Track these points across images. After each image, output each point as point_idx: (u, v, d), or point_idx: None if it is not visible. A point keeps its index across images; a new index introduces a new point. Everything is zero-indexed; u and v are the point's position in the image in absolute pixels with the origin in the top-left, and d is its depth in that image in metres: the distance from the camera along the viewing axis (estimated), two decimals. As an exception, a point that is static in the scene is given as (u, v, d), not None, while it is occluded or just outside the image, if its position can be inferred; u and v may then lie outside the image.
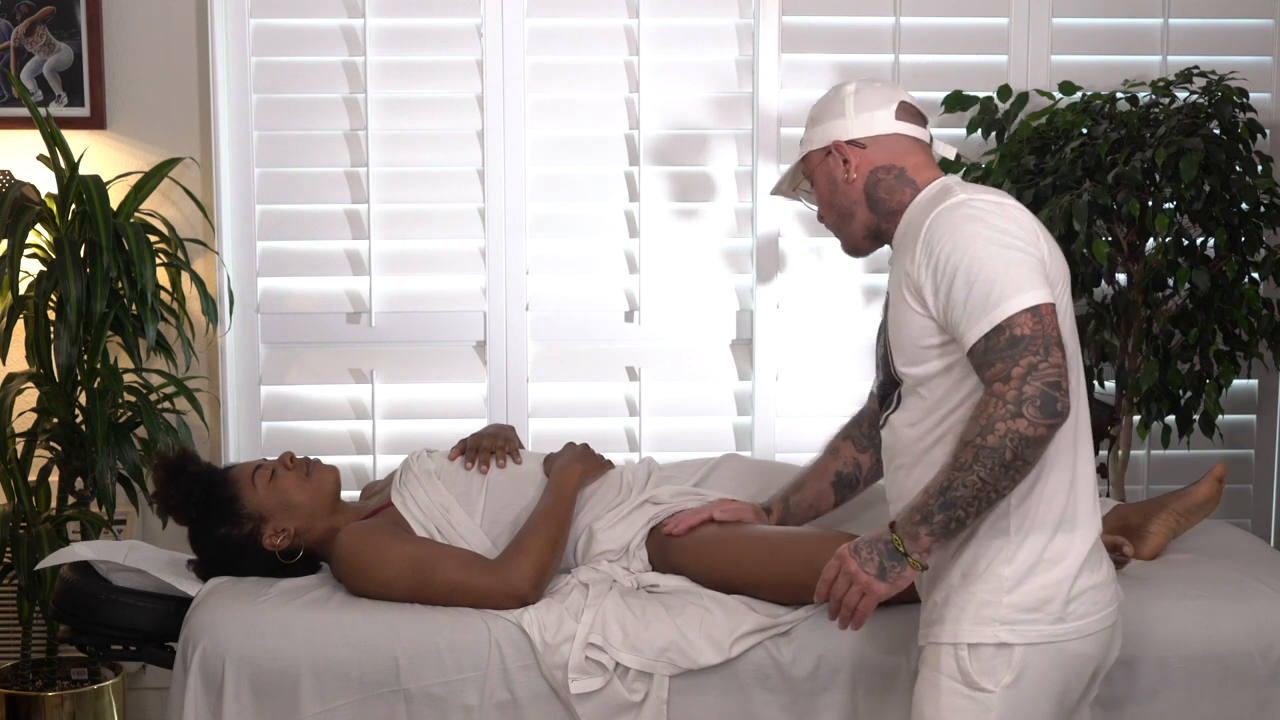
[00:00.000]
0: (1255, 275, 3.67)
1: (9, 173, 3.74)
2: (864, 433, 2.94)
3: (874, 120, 2.54)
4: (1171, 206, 3.56)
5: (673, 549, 3.00)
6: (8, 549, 3.55)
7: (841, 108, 2.56)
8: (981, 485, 2.28)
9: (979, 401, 2.30)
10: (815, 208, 2.66)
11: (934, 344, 2.40)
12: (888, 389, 2.53)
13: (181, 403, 3.74)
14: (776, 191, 2.75)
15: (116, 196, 3.67)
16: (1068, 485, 2.40)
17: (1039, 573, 2.37)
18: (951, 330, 2.36)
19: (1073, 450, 2.41)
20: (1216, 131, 3.60)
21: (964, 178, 3.82)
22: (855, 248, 2.63)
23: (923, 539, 2.34)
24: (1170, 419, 3.78)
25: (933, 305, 2.37)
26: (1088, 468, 2.45)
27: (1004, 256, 2.31)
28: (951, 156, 2.64)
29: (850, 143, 2.54)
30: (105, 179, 3.66)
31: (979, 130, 3.88)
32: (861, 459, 2.95)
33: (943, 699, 2.40)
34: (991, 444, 2.26)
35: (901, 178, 2.53)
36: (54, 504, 3.68)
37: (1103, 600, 2.42)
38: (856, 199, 2.55)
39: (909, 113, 2.57)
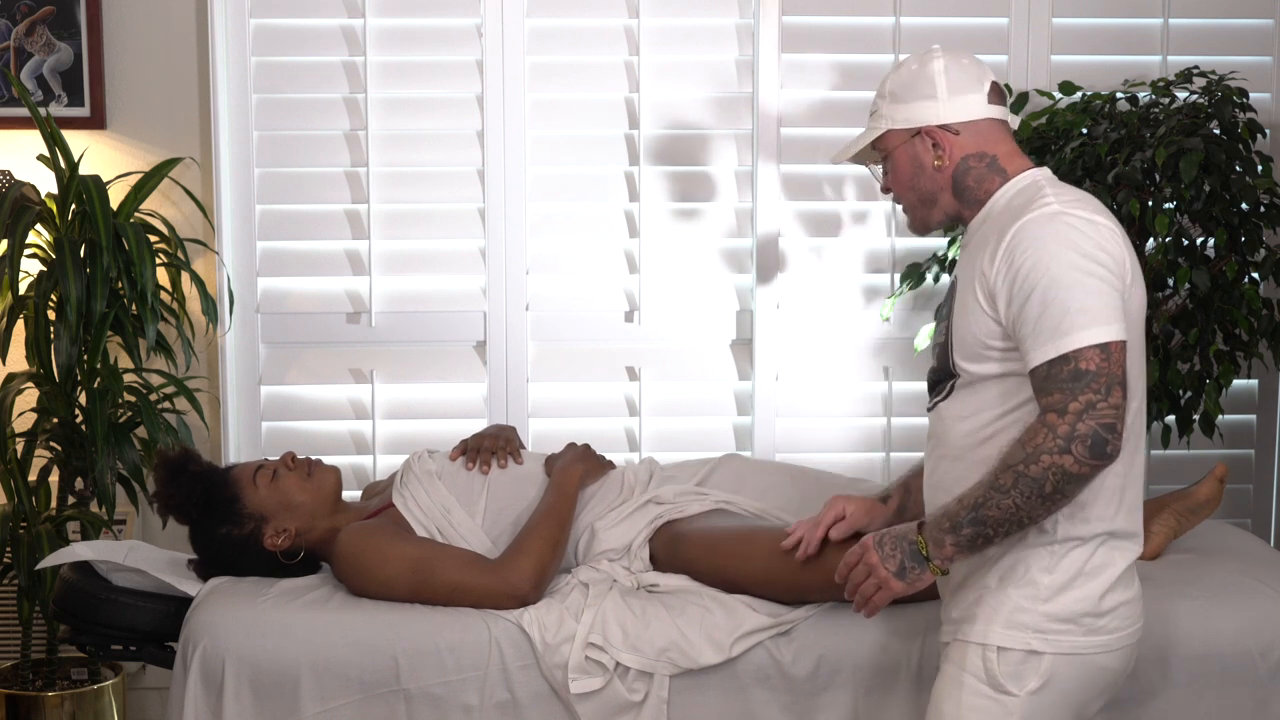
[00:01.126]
0: (1255, 275, 3.67)
1: (9, 173, 3.74)
2: None
3: (968, 104, 2.44)
4: (1171, 206, 3.56)
5: (683, 546, 3.00)
6: (8, 549, 3.55)
7: (932, 88, 2.44)
8: (1015, 510, 2.27)
9: (1029, 427, 2.27)
10: (882, 180, 2.55)
11: (997, 347, 2.36)
12: (940, 376, 2.48)
13: (181, 403, 3.74)
14: (839, 159, 2.60)
15: (116, 196, 3.67)
16: (1118, 501, 2.38)
17: (1078, 585, 2.37)
18: (1018, 343, 2.31)
19: (1129, 465, 2.39)
20: (1216, 131, 3.60)
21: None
22: (926, 227, 2.53)
23: (947, 548, 2.33)
24: (1170, 419, 3.78)
25: (1004, 314, 2.32)
26: (1138, 483, 2.43)
27: (1085, 284, 2.25)
28: (1014, 128, 2.53)
29: (943, 128, 2.44)
30: (105, 179, 3.66)
31: (979, 130, 3.87)
32: None
33: (964, 697, 2.40)
34: (1034, 474, 2.24)
35: (993, 166, 2.44)
36: (54, 504, 3.68)
37: (1133, 615, 2.42)
38: (943, 185, 2.46)
39: (998, 94, 2.48)
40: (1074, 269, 2.26)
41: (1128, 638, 2.42)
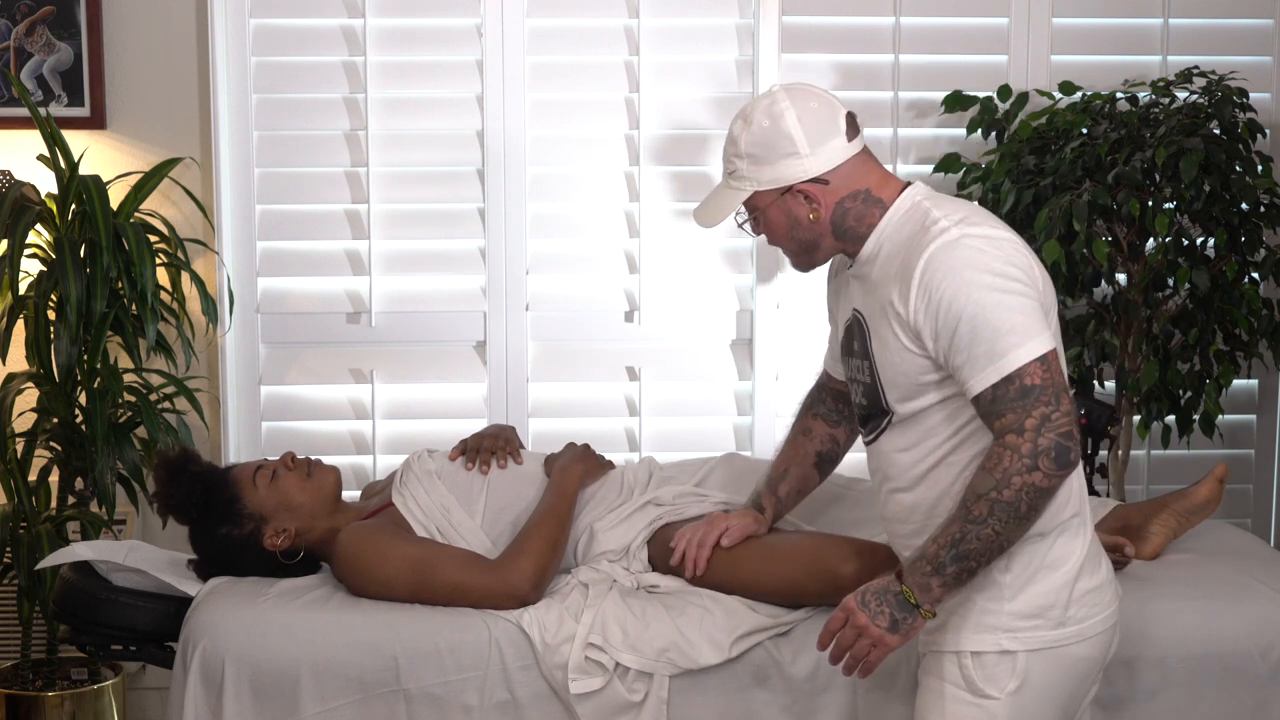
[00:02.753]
0: (1255, 275, 3.67)
1: (9, 173, 3.74)
2: (830, 408, 2.86)
3: (832, 151, 2.38)
4: (1171, 206, 3.56)
5: (672, 557, 2.99)
6: (8, 549, 3.55)
7: (793, 144, 2.37)
8: (995, 537, 2.27)
9: (990, 453, 2.27)
10: (756, 235, 2.53)
11: (932, 380, 2.36)
12: (872, 413, 2.47)
13: (181, 403, 3.74)
14: (710, 225, 2.49)
15: (116, 196, 3.67)
16: (1066, 495, 2.38)
17: (1039, 580, 2.37)
18: (954, 374, 2.31)
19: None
20: (1216, 131, 3.60)
21: (964, 178, 3.82)
22: (812, 268, 2.53)
23: (934, 590, 2.31)
24: (1170, 419, 3.78)
25: (933, 349, 2.31)
26: (1080, 472, 2.43)
27: (1007, 303, 2.25)
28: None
29: (812, 181, 2.39)
30: (105, 179, 3.66)
31: (979, 130, 3.87)
32: (837, 434, 2.87)
33: (948, 707, 2.40)
34: (1007, 498, 2.24)
35: (868, 200, 2.41)
36: (54, 504, 3.68)
37: (1103, 601, 2.42)
38: (822, 232, 2.43)
39: (853, 126, 2.43)
40: (993, 290, 2.25)
41: (1100, 624, 2.41)
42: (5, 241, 3.51)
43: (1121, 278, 3.75)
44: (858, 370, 2.49)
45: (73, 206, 3.58)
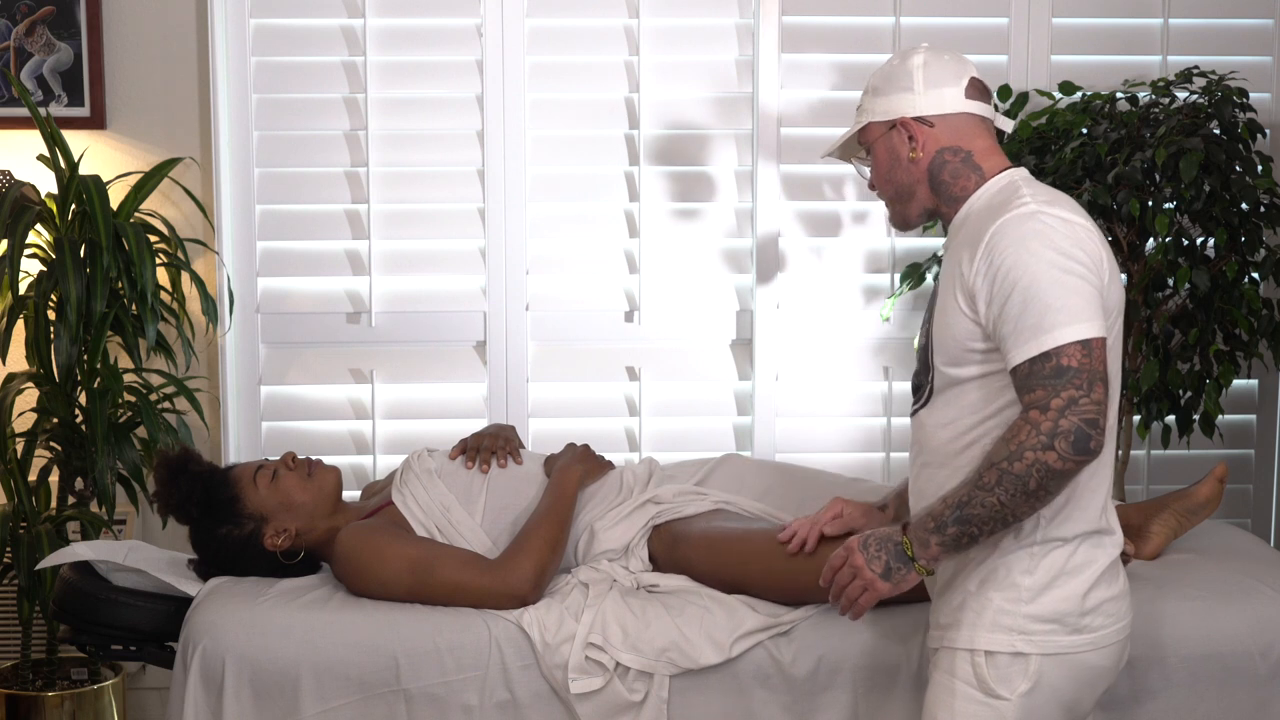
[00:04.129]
0: (1255, 275, 3.67)
1: (9, 173, 3.74)
2: None
3: (944, 98, 2.45)
4: (1171, 206, 3.56)
5: (682, 546, 3.00)
6: (8, 549, 3.55)
7: (910, 80, 2.46)
8: (1000, 508, 2.27)
9: (1012, 424, 2.27)
10: (868, 176, 2.57)
11: (978, 349, 2.36)
12: (921, 380, 2.48)
13: (181, 403, 3.74)
14: (828, 155, 2.62)
15: (116, 196, 3.67)
16: (1102, 503, 2.39)
17: (1059, 585, 2.37)
18: (998, 343, 2.31)
19: (1109, 466, 2.40)
20: (1216, 131, 3.60)
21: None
22: (906, 223, 2.54)
23: (932, 548, 2.33)
24: (1170, 419, 3.78)
25: (984, 314, 2.33)
26: (1109, 480, 2.43)
27: (1064, 283, 2.26)
28: (1009, 130, 2.56)
29: (917, 119, 2.46)
30: (105, 179, 3.66)
31: (979, 130, 3.87)
32: None
33: (957, 705, 2.40)
34: (1017, 471, 2.24)
35: (968, 162, 2.45)
36: (54, 504, 3.68)
37: (1119, 612, 2.42)
38: (919, 178, 2.47)
39: (978, 90, 2.48)
40: (1053, 267, 2.27)
41: (1114, 634, 2.41)
42: (5, 241, 3.51)
43: (1122, 278, 3.75)
44: (922, 335, 2.51)
45: (73, 206, 3.58)
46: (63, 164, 3.57)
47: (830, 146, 2.63)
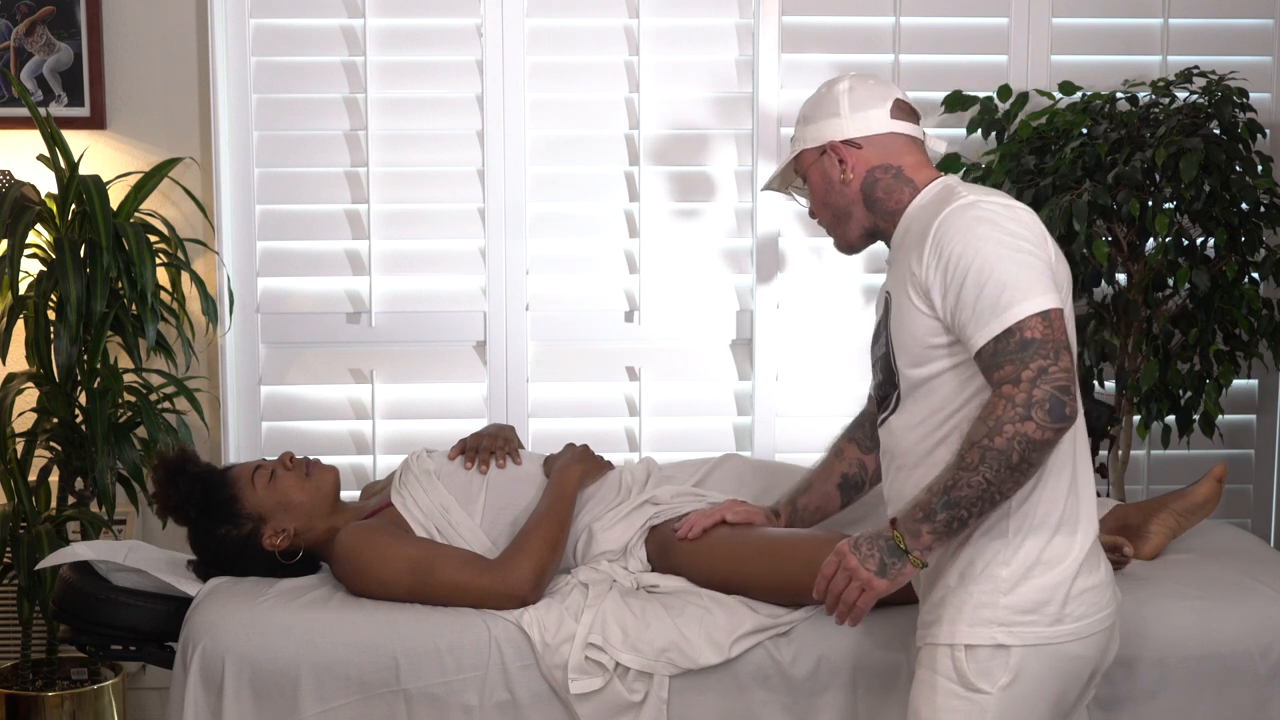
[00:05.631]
0: (1255, 275, 3.67)
1: (9, 173, 3.74)
2: (867, 434, 2.92)
3: (869, 119, 2.53)
4: (1171, 206, 3.56)
5: (675, 550, 3.00)
6: (8, 549, 3.55)
7: (836, 106, 2.54)
8: (986, 486, 2.28)
9: (987, 402, 2.30)
10: (807, 205, 2.65)
11: (941, 344, 2.39)
12: (886, 390, 2.51)
13: (181, 403, 3.74)
14: (768, 187, 2.73)
15: (116, 196, 3.67)
16: (1067, 487, 2.40)
17: (1036, 574, 2.37)
18: (959, 331, 2.35)
19: (1072, 452, 2.41)
20: (1216, 131, 3.60)
21: (964, 178, 3.82)
22: (849, 246, 2.62)
23: (924, 537, 2.33)
24: (1170, 419, 3.78)
25: (940, 306, 2.36)
26: (1086, 469, 2.45)
27: (1015, 260, 2.31)
28: (942, 151, 2.63)
29: (846, 142, 2.53)
30: (105, 179, 3.66)
31: (979, 130, 3.88)
32: (866, 460, 2.93)
33: (939, 700, 2.40)
34: (999, 446, 2.26)
35: (899, 177, 2.52)
36: (54, 504, 3.68)
37: (1100, 601, 2.42)
38: (853, 199, 2.54)
39: (904, 110, 2.56)
40: (1001, 246, 2.32)
41: (1097, 624, 2.41)
42: (5, 241, 3.51)
43: (1121, 278, 3.75)
44: (878, 347, 2.55)
45: (73, 206, 3.58)
46: (63, 164, 3.57)
47: (769, 179, 2.72)
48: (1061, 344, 2.28)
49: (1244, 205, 3.59)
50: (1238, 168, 3.59)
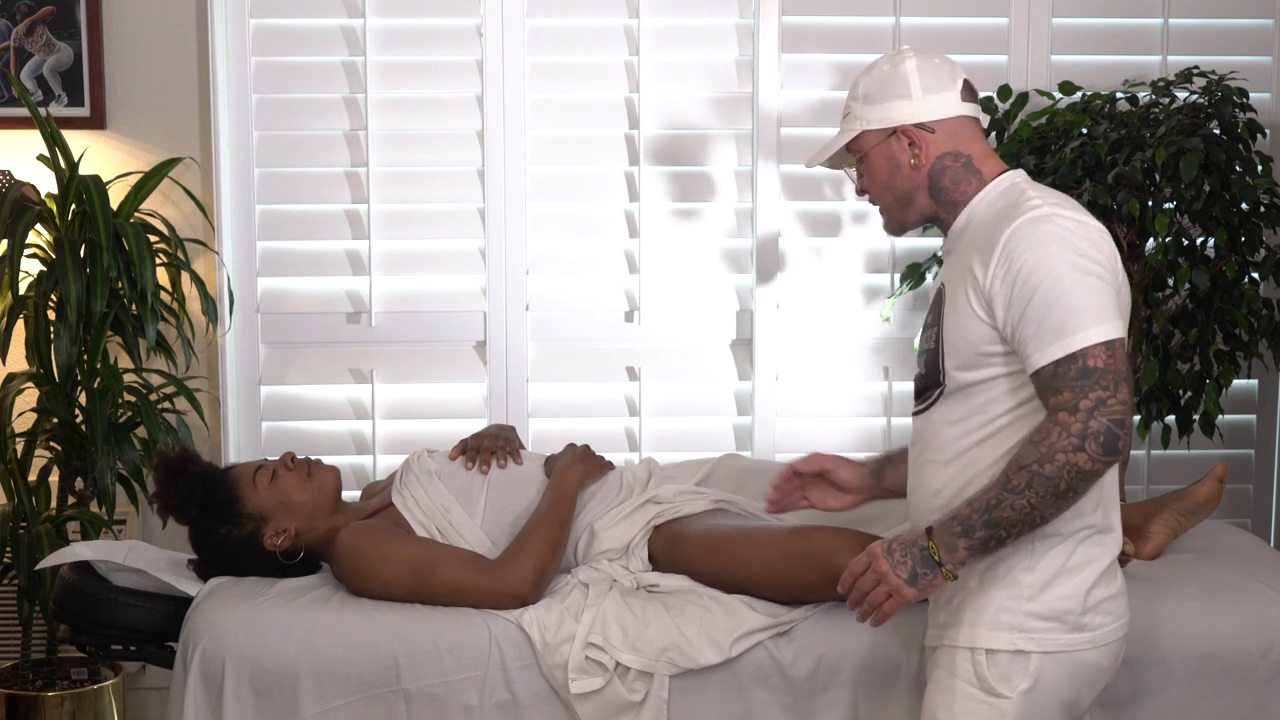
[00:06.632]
0: (1255, 275, 3.67)
1: (9, 173, 3.74)
2: None
3: (944, 102, 2.44)
4: (1171, 206, 3.56)
5: (682, 545, 2.99)
6: (8, 549, 3.55)
7: (906, 87, 2.44)
8: (1030, 510, 2.27)
9: (1040, 427, 2.27)
10: (856, 180, 2.55)
11: (995, 352, 2.35)
12: (928, 384, 2.47)
13: (181, 403, 3.74)
14: (814, 163, 2.60)
15: (116, 196, 3.67)
16: (1097, 497, 2.39)
17: (1060, 582, 2.37)
18: (1017, 346, 2.31)
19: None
20: (1216, 131, 3.60)
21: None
22: (902, 228, 2.54)
23: (960, 551, 2.32)
24: (1170, 419, 3.78)
25: (1002, 319, 2.32)
26: (1114, 480, 2.43)
27: (1086, 284, 2.26)
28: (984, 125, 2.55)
29: (918, 126, 2.44)
30: (105, 179, 3.66)
31: (979, 130, 3.87)
32: None
33: (958, 703, 2.39)
34: (1049, 473, 2.24)
35: (968, 166, 2.45)
36: (54, 504, 3.68)
37: (1117, 610, 2.42)
38: (919, 185, 2.46)
39: (971, 92, 2.48)
40: (1074, 269, 2.27)
41: (1114, 633, 2.42)
42: (5, 241, 3.51)
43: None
44: (927, 340, 2.49)
45: (73, 206, 3.58)
46: (63, 164, 3.57)
47: (818, 154, 2.59)
48: (1122, 375, 2.25)
49: (1244, 205, 3.59)
50: (1238, 168, 3.59)
